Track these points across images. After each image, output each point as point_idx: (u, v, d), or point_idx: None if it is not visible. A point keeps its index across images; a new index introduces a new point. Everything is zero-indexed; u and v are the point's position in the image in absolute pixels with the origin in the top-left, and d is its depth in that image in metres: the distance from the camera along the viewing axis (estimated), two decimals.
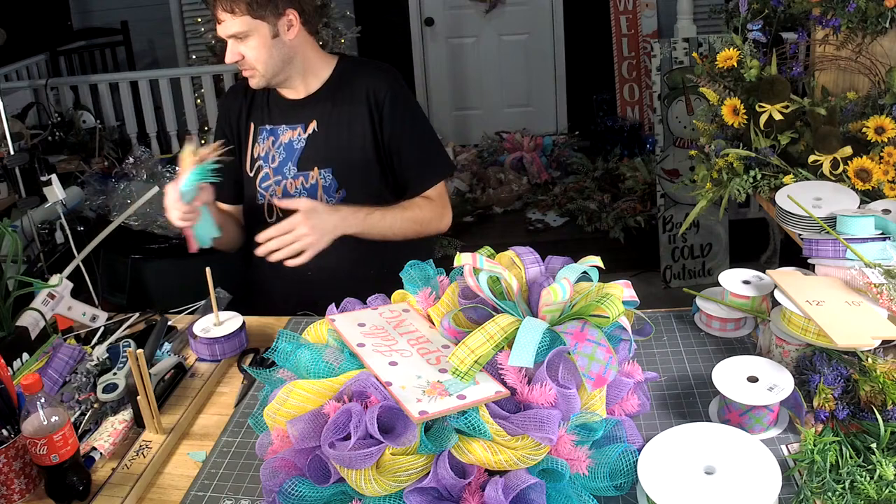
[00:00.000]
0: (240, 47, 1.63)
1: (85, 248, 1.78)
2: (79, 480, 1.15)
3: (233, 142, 1.81)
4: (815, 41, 2.11)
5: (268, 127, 1.78)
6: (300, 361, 1.13)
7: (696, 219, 2.96)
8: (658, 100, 3.59)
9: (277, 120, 1.77)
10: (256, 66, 1.65)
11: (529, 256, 1.21)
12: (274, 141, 1.76)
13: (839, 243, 1.33)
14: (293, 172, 1.74)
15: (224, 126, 1.84)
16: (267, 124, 1.78)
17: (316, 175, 1.72)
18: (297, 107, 1.75)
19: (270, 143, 1.77)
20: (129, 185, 3.38)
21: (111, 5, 5.18)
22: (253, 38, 1.62)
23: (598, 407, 1.06)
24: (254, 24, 1.60)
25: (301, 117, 1.75)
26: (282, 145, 1.75)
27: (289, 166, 1.74)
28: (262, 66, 1.65)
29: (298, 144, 1.74)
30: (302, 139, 1.74)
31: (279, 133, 1.76)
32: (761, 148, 1.85)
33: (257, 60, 1.64)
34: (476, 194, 4.60)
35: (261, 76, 1.67)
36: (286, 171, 1.75)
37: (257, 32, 1.61)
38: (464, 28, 5.32)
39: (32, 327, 1.52)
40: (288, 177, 1.75)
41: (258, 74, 1.67)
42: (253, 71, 1.66)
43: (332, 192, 1.72)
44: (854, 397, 1.12)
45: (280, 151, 1.75)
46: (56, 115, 4.11)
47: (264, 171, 1.77)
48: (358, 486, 0.96)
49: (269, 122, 1.78)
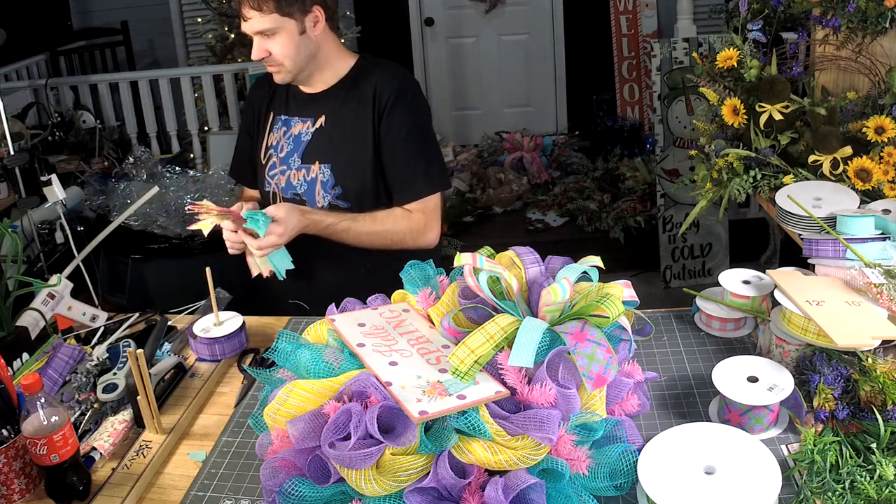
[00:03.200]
0: (267, 44, 1.64)
1: (85, 248, 1.78)
2: (79, 480, 1.15)
3: (257, 130, 1.87)
4: (815, 41, 2.11)
5: (283, 117, 1.81)
6: (300, 361, 1.13)
7: (696, 219, 2.95)
8: (658, 100, 3.59)
9: (293, 111, 1.80)
10: (284, 62, 1.66)
11: (529, 256, 1.21)
12: (286, 132, 1.79)
13: (839, 243, 1.33)
14: (297, 164, 1.76)
15: (249, 116, 1.89)
16: (283, 115, 1.81)
17: (316, 169, 1.73)
18: (311, 100, 1.78)
19: (282, 133, 1.80)
20: (129, 185, 3.38)
21: (111, 5, 5.18)
22: (281, 35, 1.63)
23: (598, 407, 1.06)
24: (281, 21, 1.61)
25: (313, 111, 1.77)
26: (291, 136, 1.78)
27: (294, 158, 1.76)
28: (289, 62, 1.66)
29: (305, 137, 1.76)
30: (309, 132, 1.76)
31: (292, 124, 1.79)
32: (761, 148, 1.85)
33: (285, 57, 1.65)
34: (476, 194, 4.61)
35: (287, 72, 1.68)
36: (291, 162, 1.77)
37: (285, 29, 1.62)
38: (464, 28, 5.32)
39: (32, 327, 1.52)
40: (292, 168, 1.77)
41: (284, 70, 1.68)
42: (280, 67, 1.67)
43: (329, 188, 1.72)
44: (854, 397, 1.12)
45: (289, 142, 1.78)
46: (56, 115, 4.11)
47: (273, 160, 1.81)
48: (358, 486, 0.96)
49: (285, 113, 1.81)
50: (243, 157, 1.92)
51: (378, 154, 1.72)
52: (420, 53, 5.37)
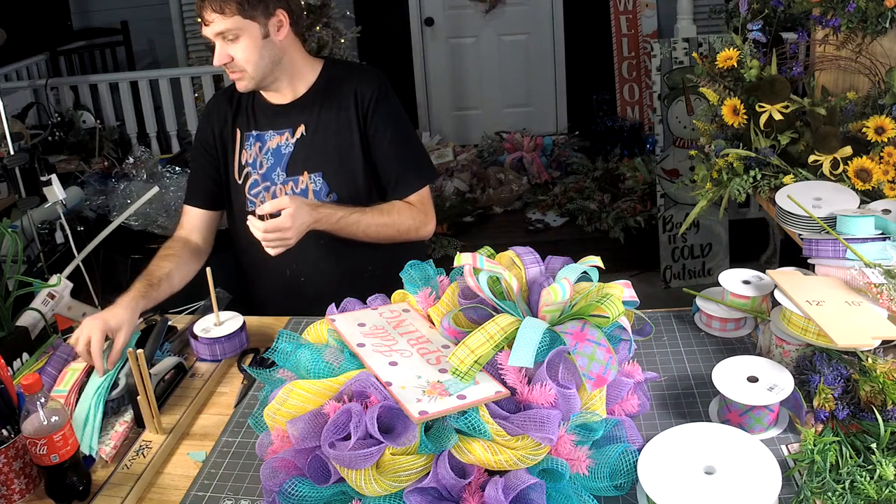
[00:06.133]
0: (228, 49, 1.60)
1: (85, 248, 1.78)
2: (79, 480, 1.15)
3: (216, 149, 1.79)
4: (815, 41, 2.11)
5: (254, 133, 1.76)
6: (300, 361, 1.13)
7: (696, 219, 2.95)
8: (658, 100, 3.59)
9: (264, 125, 1.75)
10: (246, 67, 1.62)
11: (529, 256, 1.21)
12: (261, 147, 1.74)
13: (839, 243, 1.32)
14: (282, 178, 1.73)
15: (207, 133, 1.80)
16: (253, 130, 1.76)
17: (306, 180, 1.71)
18: (284, 112, 1.74)
19: (257, 148, 1.75)
20: (129, 185, 3.38)
21: (111, 5, 5.17)
22: (243, 39, 1.59)
23: (598, 407, 1.06)
24: (244, 23, 1.58)
25: (288, 122, 1.73)
26: (269, 151, 1.74)
27: (277, 172, 1.73)
28: (251, 67, 1.62)
29: (287, 149, 1.72)
30: (290, 144, 1.72)
31: (266, 139, 1.74)
32: (761, 148, 1.85)
33: (247, 62, 1.62)
34: (476, 194, 4.60)
35: (250, 78, 1.65)
36: (275, 177, 1.73)
37: (247, 33, 1.59)
38: (464, 28, 5.32)
39: (32, 327, 1.52)
40: (277, 182, 1.73)
41: (247, 76, 1.64)
42: (242, 73, 1.64)
43: (324, 196, 1.71)
44: (854, 397, 1.12)
45: (268, 157, 1.74)
46: (56, 115, 4.11)
47: (253, 178, 1.75)
48: (358, 486, 0.96)
49: (255, 128, 1.76)
50: (208, 178, 1.80)
51: (367, 155, 1.72)
52: (420, 53, 5.37)
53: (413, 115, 5.34)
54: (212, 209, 1.81)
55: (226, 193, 1.81)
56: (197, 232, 1.79)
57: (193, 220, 1.80)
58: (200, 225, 1.80)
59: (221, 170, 1.80)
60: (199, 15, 1.60)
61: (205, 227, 1.80)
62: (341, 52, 3.86)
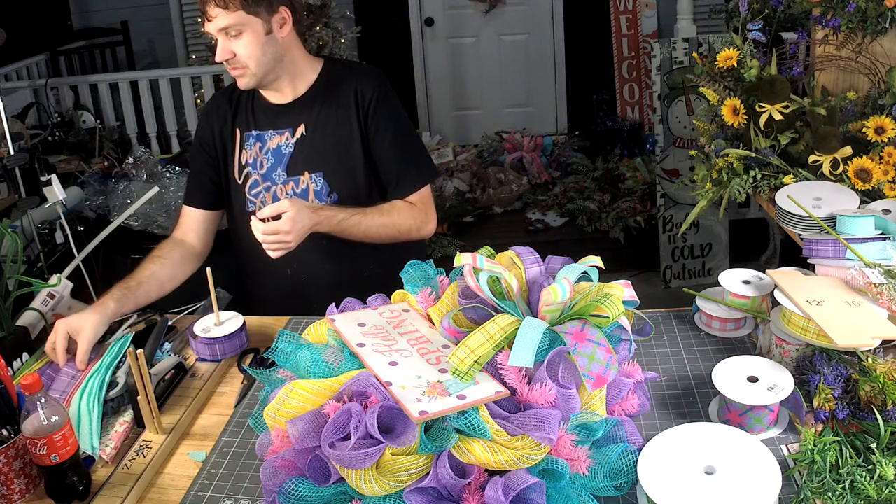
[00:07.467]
0: (231, 44, 1.59)
1: (85, 248, 1.78)
2: (79, 480, 1.15)
3: (215, 149, 1.78)
4: (815, 41, 2.11)
5: (254, 133, 1.75)
6: (300, 361, 1.13)
7: (696, 219, 2.95)
8: (658, 100, 3.59)
9: (264, 125, 1.75)
10: (248, 63, 1.61)
11: (529, 256, 1.21)
12: (261, 147, 1.74)
13: (839, 243, 1.32)
14: (283, 178, 1.72)
15: (206, 133, 1.79)
16: (253, 130, 1.75)
17: (307, 179, 1.71)
18: (284, 111, 1.73)
19: (258, 148, 1.74)
20: (129, 185, 3.38)
21: (111, 5, 5.17)
22: (246, 35, 1.58)
23: (598, 407, 1.06)
24: (247, 19, 1.57)
25: (288, 122, 1.73)
26: (269, 150, 1.73)
27: (278, 171, 1.73)
28: (254, 63, 1.62)
29: (287, 149, 1.72)
30: (290, 144, 1.72)
31: (266, 138, 1.74)
32: (761, 148, 1.85)
33: (249, 58, 1.61)
34: (476, 194, 4.60)
35: (252, 75, 1.64)
36: (275, 177, 1.73)
37: (250, 28, 1.58)
38: (464, 28, 5.32)
39: (32, 327, 1.52)
40: (277, 182, 1.73)
41: (249, 73, 1.63)
42: (244, 70, 1.63)
43: (325, 195, 1.71)
44: (854, 397, 1.12)
45: (268, 157, 1.73)
46: (56, 115, 4.11)
47: (253, 178, 1.75)
48: (358, 486, 0.96)
49: (255, 128, 1.75)
50: (207, 178, 1.80)
51: (368, 154, 1.71)
52: (420, 53, 5.37)
53: (413, 115, 5.34)
54: (211, 209, 1.81)
55: (225, 194, 1.81)
56: (194, 232, 1.79)
57: (192, 221, 1.80)
58: (199, 225, 1.80)
59: (221, 170, 1.79)
60: (202, 10, 1.59)
61: (203, 228, 1.80)
62: (341, 52, 3.86)
